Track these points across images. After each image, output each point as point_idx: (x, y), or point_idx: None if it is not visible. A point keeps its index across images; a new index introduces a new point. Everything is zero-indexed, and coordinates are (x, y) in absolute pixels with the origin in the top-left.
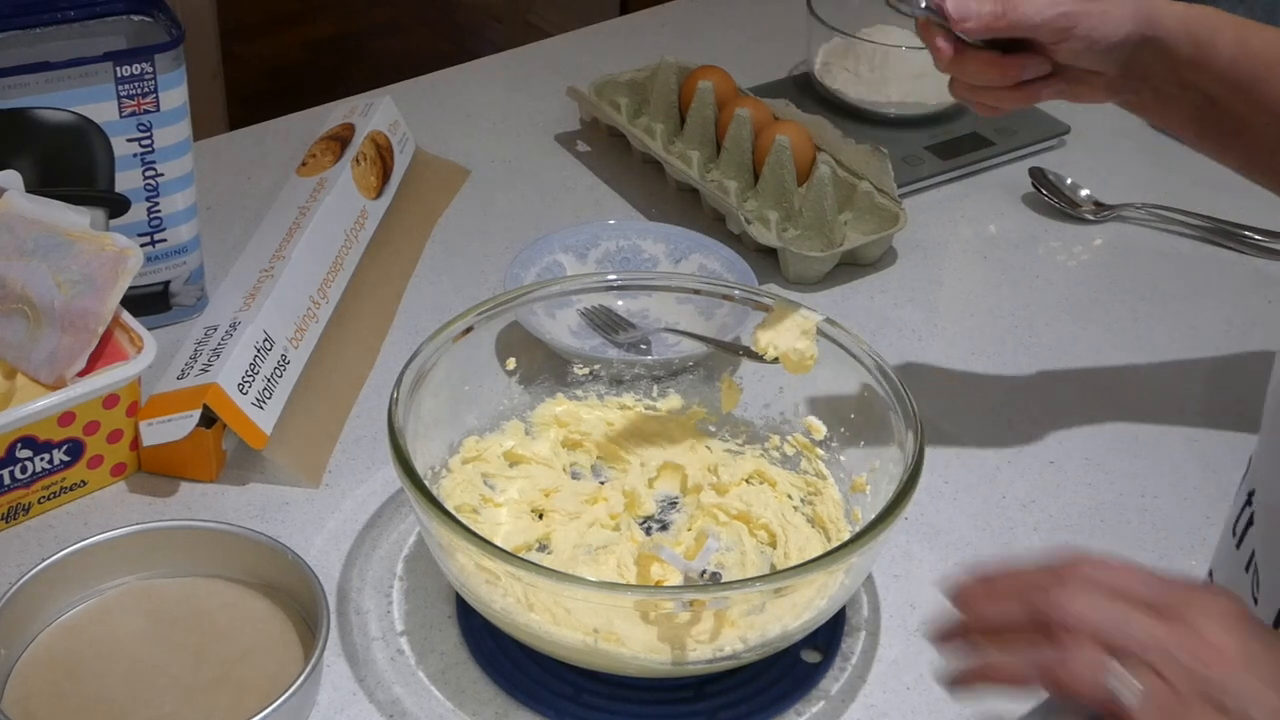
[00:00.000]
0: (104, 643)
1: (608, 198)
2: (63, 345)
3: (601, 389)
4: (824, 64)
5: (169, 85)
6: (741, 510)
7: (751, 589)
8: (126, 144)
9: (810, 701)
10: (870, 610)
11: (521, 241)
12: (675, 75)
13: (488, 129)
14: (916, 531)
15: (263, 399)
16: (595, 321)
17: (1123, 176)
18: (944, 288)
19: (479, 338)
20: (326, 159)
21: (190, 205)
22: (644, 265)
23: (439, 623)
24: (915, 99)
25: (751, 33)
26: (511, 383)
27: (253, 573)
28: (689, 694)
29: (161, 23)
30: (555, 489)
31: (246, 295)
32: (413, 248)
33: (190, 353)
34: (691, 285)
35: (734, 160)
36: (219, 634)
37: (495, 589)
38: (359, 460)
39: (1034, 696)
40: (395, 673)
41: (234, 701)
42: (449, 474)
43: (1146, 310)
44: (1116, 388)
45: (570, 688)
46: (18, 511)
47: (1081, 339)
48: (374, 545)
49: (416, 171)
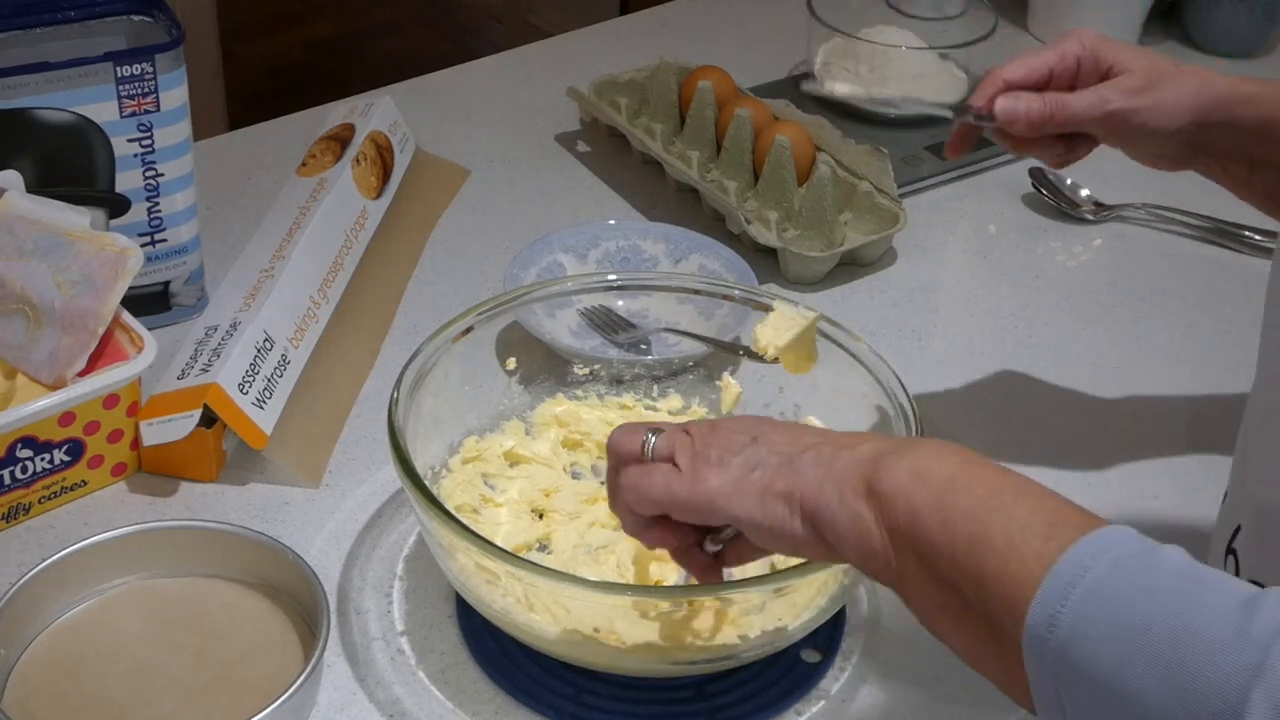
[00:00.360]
0: (104, 643)
1: (608, 198)
2: (63, 345)
3: (601, 389)
4: (824, 64)
5: (169, 85)
6: None
7: (751, 589)
8: (127, 144)
9: (810, 701)
10: (870, 610)
11: (521, 241)
12: (675, 75)
13: (488, 129)
14: None
15: (263, 399)
16: (595, 321)
17: (1122, 176)
18: (944, 288)
19: (479, 338)
20: (326, 159)
21: (190, 205)
22: (644, 265)
23: (439, 623)
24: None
25: (751, 33)
26: (511, 383)
27: (253, 573)
28: (689, 694)
29: (161, 23)
30: (555, 489)
31: (247, 295)
32: (413, 248)
33: (190, 353)
34: (691, 285)
35: (734, 160)
36: (219, 634)
37: (495, 589)
38: (359, 460)
39: None
40: (395, 673)
41: (234, 701)
42: (449, 474)
43: (1146, 310)
44: (1116, 387)
45: (570, 688)
46: (18, 511)
47: (1081, 339)
48: (374, 545)
49: (416, 172)
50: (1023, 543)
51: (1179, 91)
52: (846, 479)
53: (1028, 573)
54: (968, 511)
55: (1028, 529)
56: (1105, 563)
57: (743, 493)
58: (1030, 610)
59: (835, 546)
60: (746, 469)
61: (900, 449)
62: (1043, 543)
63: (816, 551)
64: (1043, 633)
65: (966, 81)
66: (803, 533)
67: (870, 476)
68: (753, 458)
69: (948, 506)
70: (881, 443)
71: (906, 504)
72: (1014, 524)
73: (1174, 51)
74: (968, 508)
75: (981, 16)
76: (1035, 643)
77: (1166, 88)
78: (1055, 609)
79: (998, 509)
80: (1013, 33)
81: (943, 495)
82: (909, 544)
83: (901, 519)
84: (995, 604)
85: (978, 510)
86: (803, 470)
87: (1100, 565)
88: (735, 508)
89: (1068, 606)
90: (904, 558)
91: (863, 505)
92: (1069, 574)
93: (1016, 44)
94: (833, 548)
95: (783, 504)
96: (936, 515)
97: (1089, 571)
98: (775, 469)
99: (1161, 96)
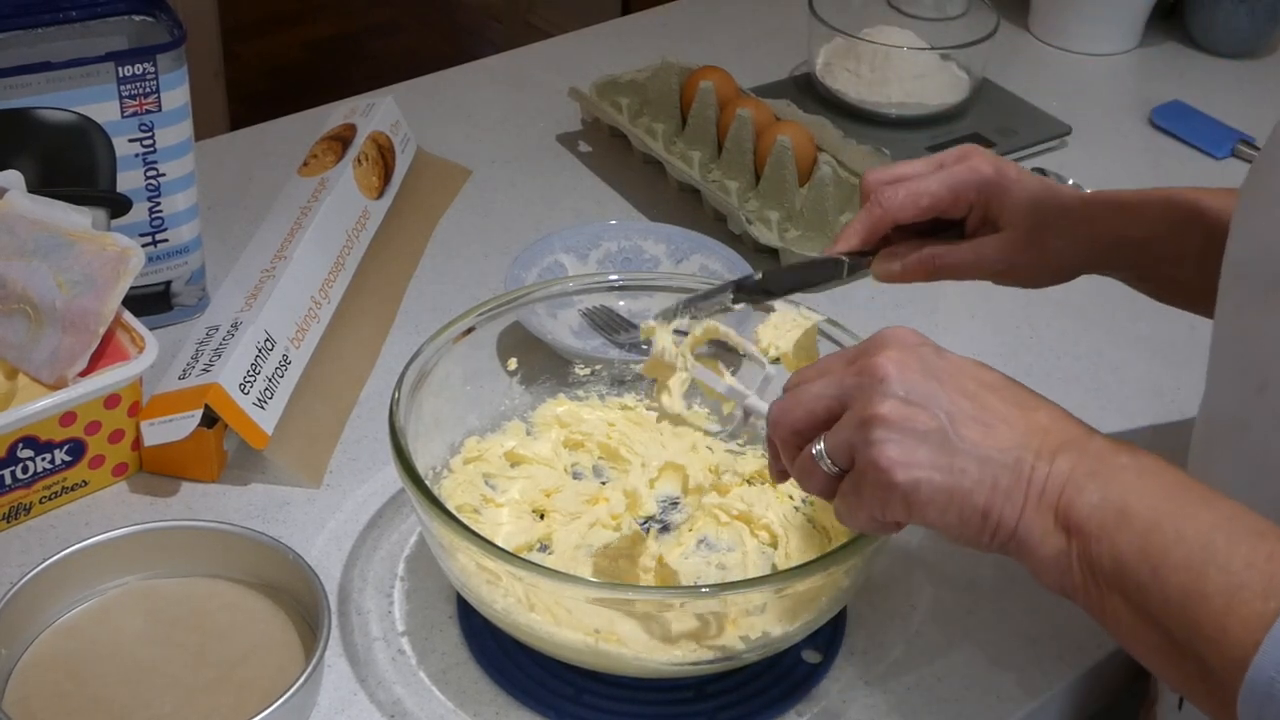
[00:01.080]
0: (105, 643)
1: (609, 198)
2: (64, 345)
3: (603, 389)
4: (825, 64)
5: (170, 85)
6: (743, 511)
7: (752, 590)
8: (128, 144)
9: (810, 702)
10: (870, 610)
11: (523, 242)
12: (676, 76)
13: (489, 129)
14: (917, 532)
15: (264, 399)
16: (596, 322)
17: (1123, 177)
18: (944, 288)
19: (480, 338)
20: (328, 159)
21: (191, 205)
22: (645, 266)
23: (440, 623)
24: (916, 99)
25: (753, 33)
26: (513, 383)
27: (254, 573)
28: (689, 694)
29: (163, 23)
30: (556, 489)
31: (248, 295)
32: (414, 248)
33: (192, 353)
34: (692, 285)
35: (735, 161)
36: (220, 634)
37: (496, 589)
38: (360, 460)
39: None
40: (396, 673)
41: (234, 702)
42: (450, 474)
43: (1146, 310)
44: (1116, 388)
45: (571, 688)
46: (19, 511)
47: (1081, 339)
48: (375, 545)
49: (418, 172)
50: (1241, 603)
51: (1060, 252)
52: (1046, 504)
53: (1248, 637)
54: (1179, 563)
55: (1245, 587)
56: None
57: (934, 501)
58: (1249, 672)
59: (1032, 570)
60: (938, 468)
61: (1099, 469)
62: (1263, 603)
63: (1013, 557)
64: (1262, 694)
65: (968, 82)
66: (996, 549)
67: (1069, 506)
68: (945, 457)
69: (1157, 555)
70: (1077, 453)
71: (1111, 548)
72: (1231, 581)
73: (1175, 51)
74: (1179, 559)
75: (983, 17)
76: (1255, 701)
77: (1050, 244)
78: (1275, 675)
79: (1211, 561)
80: (1014, 33)
81: (1150, 540)
82: (1115, 585)
83: (1106, 562)
84: (1212, 658)
85: (1190, 561)
86: (1003, 487)
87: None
88: (928, 514)
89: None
90: (1108, 595)
91: (1063, 540)
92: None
93: (1017, 44)
94: (1029, 567)
95: (979, 519)
96: (1145, 564)
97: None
98: (975, 480)
99: (1044, 255)
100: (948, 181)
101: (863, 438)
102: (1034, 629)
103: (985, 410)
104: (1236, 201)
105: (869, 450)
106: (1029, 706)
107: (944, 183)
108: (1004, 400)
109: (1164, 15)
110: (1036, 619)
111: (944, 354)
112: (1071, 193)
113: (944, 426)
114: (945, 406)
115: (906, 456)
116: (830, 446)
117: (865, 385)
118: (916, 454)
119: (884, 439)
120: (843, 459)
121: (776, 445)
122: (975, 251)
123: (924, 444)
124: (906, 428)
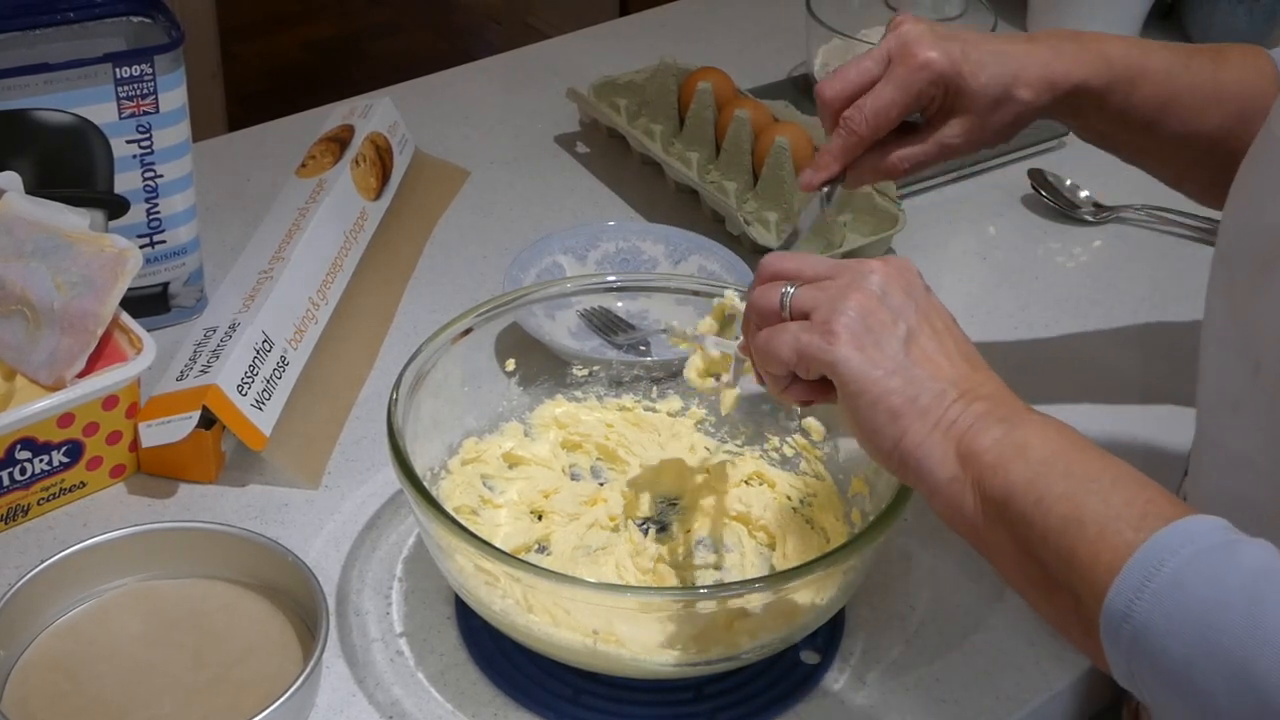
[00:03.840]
0: (103, 644)
1: (607, 199)
2: (62, 346)
3: (601, 390)
4: (823, 65)
5: (168, 86)
6: (741, 511)
7: (751, 591)
8: (126, 145)
9: (810, 702)
10: (870, 610)
11: (521, 243)
12: (674, 77)
13: (487, 130)
14: (916, 532)
15: (262, 400)
16: (595, 323)
17: (1122, 178)
18: (943, 289)
19: (478, 339)
20: (326, 160)
21: (189, 206)
22: (643, 266)
23: (438, 624)
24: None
25: (751, 34)
26: (511, 384)
27: (252, 574)
28: (689, 695)
29: (161, 24)
30: (554, 490)
31: (246, 296)
32: (412, 249)
33: (189, 354)
34: (691, 286)
35: (733, 161)
36: (218, 635)
37: (494, 590)
38: (358, 461)
39: None
40: (394, 674)
41: (233, 702)
42: (448, 475)
43: (1146, 311)
44: (1116, 388)
45: (569, 689)
46: (17, 513)
47: (1081, 339)
48: (373, 546)
49: (416, 173)
50: (1114, 532)
51: (1021, 115)
52: (952, 435)
53: (1114, 560)
54: (1064, 493)
55: (1120, 518)
56: (1183, 556)
57: (854, 382)
58: (1108, 596)
59: (924, 493)
60: (875, 363)
61: (1010, 416)
62: (1134, 533)
63: (901, 477)
64: (1118, 620)
65: None
66: (895, 463)
67: (973, 439)
68: (887, 355)
69: (1044, 485)
70: (996, 404)
71: (1004, 479)
72: (1109, 511)
73: None
74: (1064, 490)
75: (981, 16)
76: (1111, 628)
77: (1009, 111)
78: (1131, 599)
79: (1094, 494)
80: (1013, 32)
81: (1041, 473)
82: (1001, 515)
83: (997, 491)
84: (1082, 587)
85: (1074, 493)
86: (920, 405)
87: (1178, 559)
88: (844, 392)
89: (1143, 597)
90: (994, 527)
91: (960, 468)
92: (1147, 565)
93: None
94: (919, 489)
95: (887, 418)
96: (1031, 493)
97: (1165, 565)
98: (897, 388)
99: (1002, 123)
100: (907, 88)
101: (829, 303)
102: (1034, 629)
103: (938, 346)
104: (1234, 182)
105: (830, 311)
106: (1029, 706)
107: (904, 90)
108: (958, 350)
109: (1162, 15)
110: (1036, 619)
111: (930, 293)
112: (1023, 49)
113: (898, 336)
114: (910, 323)
115: (855, 338)
116: (799, 294)
117: (855, 273)
118: (863, 340)
119: (847, 312)
120: (801, 312)
121: (760, 283)
122: (938, 143)
123: (874, 337)
124: (870, 320)
